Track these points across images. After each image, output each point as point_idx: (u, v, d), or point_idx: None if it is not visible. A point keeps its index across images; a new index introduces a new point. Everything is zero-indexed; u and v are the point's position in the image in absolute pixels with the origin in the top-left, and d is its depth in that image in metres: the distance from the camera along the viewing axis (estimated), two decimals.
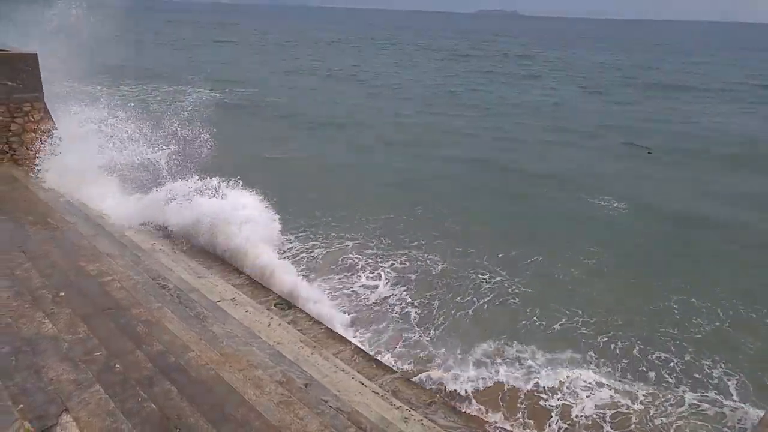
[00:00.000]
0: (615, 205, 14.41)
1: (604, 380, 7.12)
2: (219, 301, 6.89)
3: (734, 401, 6.90)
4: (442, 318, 8.53)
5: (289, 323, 6.69)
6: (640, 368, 7.53)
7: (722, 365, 7.65)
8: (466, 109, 29.69)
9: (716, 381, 7.33)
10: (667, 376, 7.38)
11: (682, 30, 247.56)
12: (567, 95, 35.69)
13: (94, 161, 10.56)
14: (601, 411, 6.53)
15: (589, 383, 7.01)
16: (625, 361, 7.63)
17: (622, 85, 41.98)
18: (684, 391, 7.06)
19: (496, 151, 20.42)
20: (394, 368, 6.35)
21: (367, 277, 9.87)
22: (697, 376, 7.44)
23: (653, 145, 21.30)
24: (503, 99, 33.43)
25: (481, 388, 6.92)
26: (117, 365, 5.22)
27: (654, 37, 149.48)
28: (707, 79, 47.37)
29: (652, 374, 7.39)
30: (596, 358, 7.62)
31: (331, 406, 5.16)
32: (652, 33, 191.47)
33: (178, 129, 12.40)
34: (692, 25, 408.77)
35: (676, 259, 11.28)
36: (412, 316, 8.54)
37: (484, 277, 9.90)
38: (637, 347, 7.98)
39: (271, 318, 6.68)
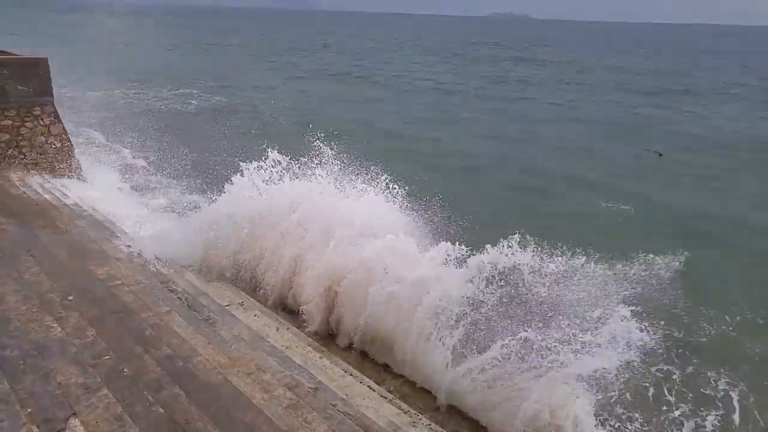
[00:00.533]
0: (622, 207, 14.28)
1: (597, 403, 6.69)
2: (227, 306, 6.88)
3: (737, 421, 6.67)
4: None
5: (297, 327, 6.67)
6: (641, 383, 7.23)
7: (726, 376, 7.36)
8: (482, 111, 29.77)
9: (721, 394, 7.10)
10: (667, 393, 7.11)
11: (696, 32, 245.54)
12: (583, 98, 35.40)
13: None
14: None
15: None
16: (626, 374, 7.35)
17: (639, 88, 41.51)
18: (683, 412, 6.79)
19: (506, 153, 20.39)
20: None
21: None
22: (702, 391, 7.18)
23: (666, 148, 21.13)
24: (514, 103, 33.32)
25: None
26: (125, 369, 5.21)
27: (669, 40, 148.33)
28: (726, 82, 46.84)
29: (651, 390, 7.08)
30: (593, 375, 7.21)
31: (339, 411, 5.12)
32: (667, 36, 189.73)
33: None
34: (703, 27, 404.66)
35: (682, 262, 11.08)
36: None
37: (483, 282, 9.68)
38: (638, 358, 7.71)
39: (280, 322, 6.66)
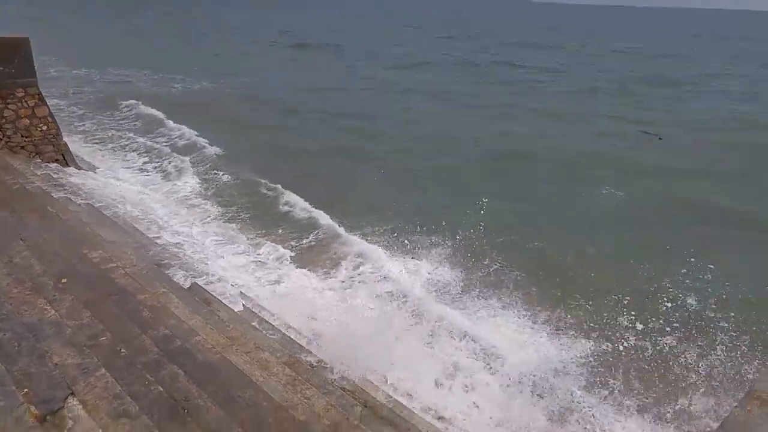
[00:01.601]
0: (616, 192, 14.27)
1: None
2: (224, 285, 6.84)
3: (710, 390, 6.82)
4: None
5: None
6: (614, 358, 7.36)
7: (702, 351, 7.53)
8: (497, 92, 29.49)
9: (694, 366, 7.25)
10: (645, 365, 7.24)
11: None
12: (594, 84, 34.90)
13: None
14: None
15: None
16: (607, 357, 7.42)
17: (652, 75, 40.80)
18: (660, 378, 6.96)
19: (505, 135, 20.30)
20: None
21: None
22: (675, 365, 7.31)
23: (666, 133, 21.00)
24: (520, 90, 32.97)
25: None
26: (123, 350, 5.17)
27: (677, 26, 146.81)
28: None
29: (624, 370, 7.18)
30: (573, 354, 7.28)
31: (338, 387, 5.14)
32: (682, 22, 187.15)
33: None
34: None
35: (675, 244, 11.14)
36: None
37: (480, 263, 9.73)
38: (616, 334, 7.83)
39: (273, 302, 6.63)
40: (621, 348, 7.53)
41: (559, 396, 6.32)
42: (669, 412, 6.42)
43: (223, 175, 13.77)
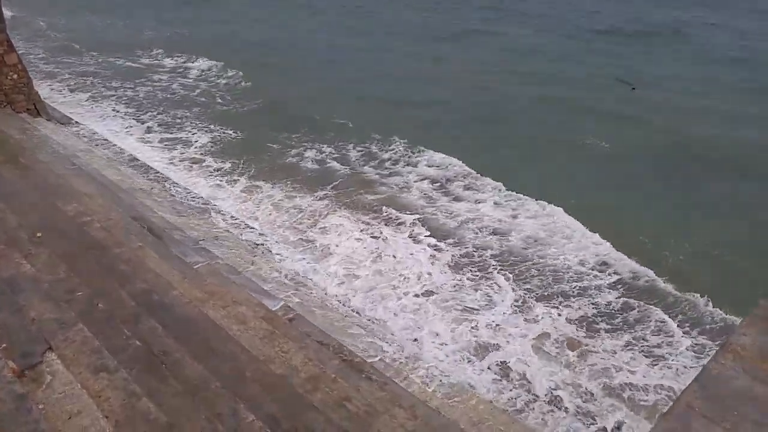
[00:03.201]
0: (596, 142, 14.20)
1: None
2: (202, 240, 6.83)
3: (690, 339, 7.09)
4: None
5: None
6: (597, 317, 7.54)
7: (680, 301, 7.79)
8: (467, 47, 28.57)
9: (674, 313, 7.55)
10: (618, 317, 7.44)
11: None
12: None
13: None
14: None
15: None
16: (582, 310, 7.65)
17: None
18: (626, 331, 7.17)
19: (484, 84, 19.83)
20: None
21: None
22: (656, 310, 7.58)
23: (640, 83, 20.60)
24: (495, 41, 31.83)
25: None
26: (100, 304, 5.20)
27: None
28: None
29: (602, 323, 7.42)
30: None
31: (315, 340, 5.26)
32: None
33: None
34: None
35: (653, 193, 11.27)
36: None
37: (464, 216, 9.84)
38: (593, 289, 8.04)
39: (255, 255, 6.67)
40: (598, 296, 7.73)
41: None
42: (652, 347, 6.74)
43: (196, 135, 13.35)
